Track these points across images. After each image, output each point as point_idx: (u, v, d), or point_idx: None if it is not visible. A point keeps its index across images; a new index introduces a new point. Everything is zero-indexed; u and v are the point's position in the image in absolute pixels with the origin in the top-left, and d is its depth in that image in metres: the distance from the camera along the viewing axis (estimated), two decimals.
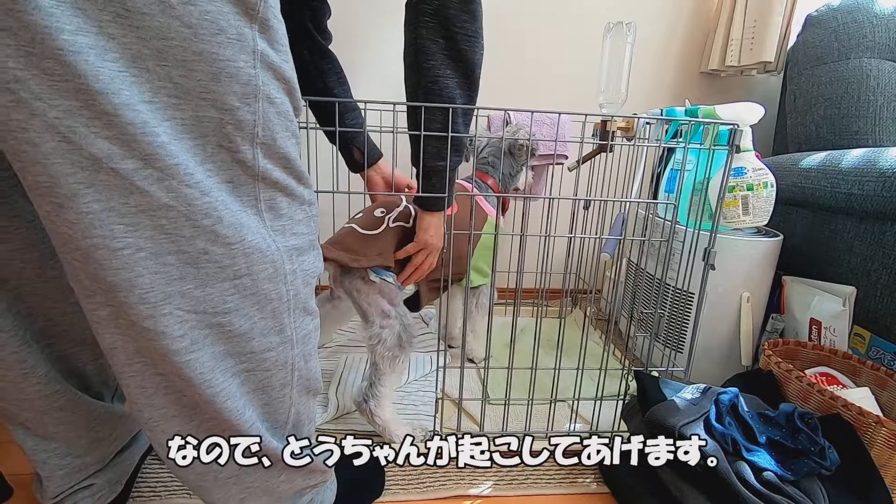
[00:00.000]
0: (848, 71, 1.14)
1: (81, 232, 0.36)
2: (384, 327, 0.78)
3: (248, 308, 0.45)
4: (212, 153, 0.40)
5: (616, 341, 1.25)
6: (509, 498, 0.73)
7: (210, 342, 0.43)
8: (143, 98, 0.36)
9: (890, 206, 0.86)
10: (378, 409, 0.78)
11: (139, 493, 0.69)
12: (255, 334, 0.46)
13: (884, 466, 0.69)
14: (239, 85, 0.40)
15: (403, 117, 0.77)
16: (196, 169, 0.39)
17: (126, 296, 0.39)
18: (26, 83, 0.32)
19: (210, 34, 0.37)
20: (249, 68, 0.40)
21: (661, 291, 0.91)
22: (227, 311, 0.43)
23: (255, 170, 0.43)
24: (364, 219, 0.84)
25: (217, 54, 0.38)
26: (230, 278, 0.43)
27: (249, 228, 0.43)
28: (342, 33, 1.33)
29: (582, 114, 0.85)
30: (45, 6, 0.31)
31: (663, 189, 1.07)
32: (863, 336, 0.93)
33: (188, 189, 0.38)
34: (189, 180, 0.38)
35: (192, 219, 0.39)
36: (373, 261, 0.78)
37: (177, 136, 0.38)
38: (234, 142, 0.41)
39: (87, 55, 0.33)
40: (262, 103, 0.41)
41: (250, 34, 0.39)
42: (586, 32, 1.38)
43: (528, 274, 0.85)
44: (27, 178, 0.35)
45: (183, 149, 0.38)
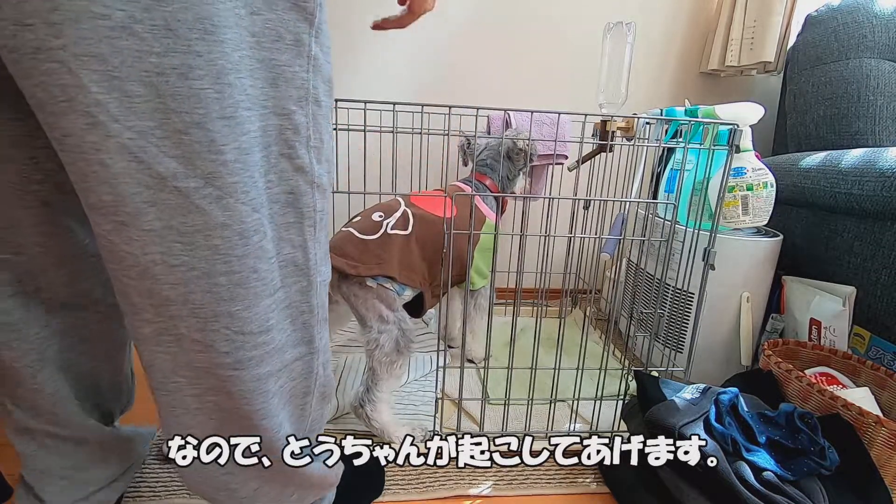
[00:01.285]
0: (848, 71, 1.14)
1: (141, 248, 0.37)
2: (382, 332, 0.77)
3: (284, 322, 0.45)
4: (275, 163, 0.41)
5: (616, 341, 1.25)
6: (509, 498, 0.73)
7: (255, 363, 0.43)
8: (222, 114, 0.36)
9: (890, 206, 0.86)
10: (374, 412, 0.78)
11: (139, 493, 0.69)
12: (288, 347, 0.46)
13: (884, 466, 0.69)
14: (294, 89, 0.40)
15: (403, 117, 0.77)
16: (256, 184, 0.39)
17: (179, 309, 0.39)
18: (106, 106, 0.32)
19: (270, 41, 0.38)
20: (304, 72, 0.40)
21: (661, 291, 0.91)
22: (269, 329, 0.43)
23: (312, 176, 0.43)
24: (362, 222, 0.83)
25: (275, 60, 0.38)
26: (270, 294, 0.43)
27: (290, 241, 0.44)
28: (342, 33, 1.34)
29: (582, 114, 0.85)
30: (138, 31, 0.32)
31: (663, 189, 1.07)
32: (863, 336, 0.93)
33: (242, 206, 0.38)
34: (244, 198, 0.38)
35: (245, 236, 0.39)
36: (371, 270, 0.77)
37: (250, 150, 0.38)
38: (294, 147, 0.41)
39: (169, 76, 0.33)
40: (311, 106, 0.42)
41: (307, 39, 0.40)
42: (586, 32, 1.39)
43: (528, 274, 0.85)
44: (90, 197, 0.35)
45: (252, 162, 0.39)
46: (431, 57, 1.36)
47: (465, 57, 1.38)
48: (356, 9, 1.30)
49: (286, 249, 0.44)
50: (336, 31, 1.35)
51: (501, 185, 1.07)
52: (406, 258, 0.81)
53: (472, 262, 0.90)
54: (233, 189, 0.38)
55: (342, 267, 0.76)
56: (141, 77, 0.33)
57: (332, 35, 1.22)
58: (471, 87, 1.40)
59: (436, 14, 1.44)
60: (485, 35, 1.38)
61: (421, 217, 0.85)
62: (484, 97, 1.41)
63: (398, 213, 0.84)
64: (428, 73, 1.37)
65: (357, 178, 1.11)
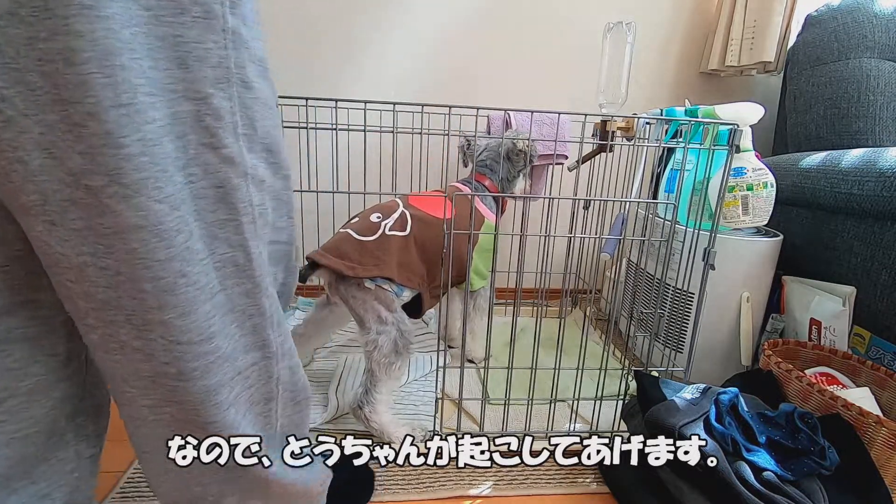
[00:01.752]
0: (848, 71, 1.14)
1: (72, 248, 0.34)
2: (381, 333, 0.77)
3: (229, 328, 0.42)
4: (195, 154, 0.37)
5: (616, 341, 1.25)
6: (509, 498, 0.73)
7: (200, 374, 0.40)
8: (116, 101, 0.32)
9: (890, 206, 0.86)
10: (374, 413, 0.78)
11: (139, 492, 0.69)
12: (238, 354, 0.43)
13: (884, 466, 0.69)
14: (210, 69, 0.36)
15: (403, 117, 0.77)
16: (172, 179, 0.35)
17: (115, 314, 0.36)
18: (12, 101, 0.31)
19: (171, 15, 0.33)
20: (220, 49, 0.36)
21: (661, 291, 0.91)
22: (212, 337, 0.40)
23: (244, 167, 0.39)
24: (360, 223, 0.83)
25: (181, 36, 0.34)
26: (208, 299, 0.39)
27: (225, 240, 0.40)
28: (342, 33, 1.34)
29: (582, 114, 0.86)
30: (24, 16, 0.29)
31: (663, 189, 1.07)
32: (863, 336, 0.93)
33: (157, 205, 0.35)
34: (158, 195, 0.34)
35: (164, 238, 0.35)
36: (370, 271, 0.77)
37: (157, 142, 0.34)
38: (217, 135, 0.37)
39: (57, 62, 0.30)
40: (236, 88, 0.38)
41: (220, 10, 0.36)
42: (586, 32, 1.39)
43: (528, 274, 0.85)
44: (20, 199, 0.33)
45: (162, 154, 0.35)
46: (432, 57, 1.36)
47: (465, 57, 1.38)
48: (356, 7, 1.30)
49: (221, 249, 0.40)
50: (336, 30, 1.36)
51: (501, 186, 1.07)
52: (405, 259, 0.81)
53: (472, 263, 0.90)
54: (141, 186, 0.34)
55: (340, 268, 0.76)
56: (37, 66, 0.30)
57: (332, 34, 1.22)
58: (471, 87, 1.40)
59: (436, 14, 1.45)
60: (485, 35, 1.38)
61: (419, 218, 0.85)
62: (484, 97, 1.41)
63: (396, 214, 0.84)
64: (428, 73, 1.37)
65: (357, 178, 1.11)
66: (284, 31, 1.30)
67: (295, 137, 1.29)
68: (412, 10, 1.32)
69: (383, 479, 0.74)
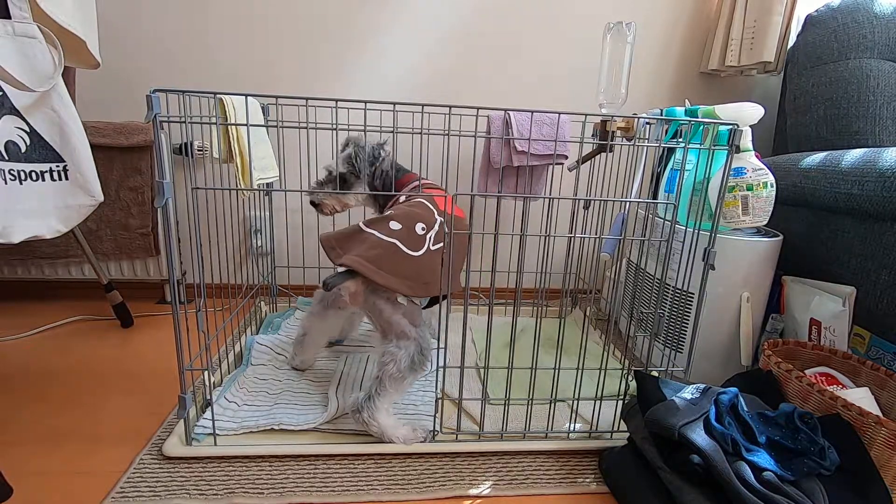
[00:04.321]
0: (848, 71, 1.14)
1: None
2: (401, 348, 0.77)
3: None
4: None
5: (616, 341, 1.25)
6: (509, 498, 0.73)
7: None
8: None
9: (890, 206, 0.86)
10: (373, 416, 0.78)
11: (139, 493, 0.69)
12: None
13: (884, 466, 0.69)
14: None
15: (403, 117, 0.77)
16: None
17: None
18: None
19: None
20: None
21: (661, 291, 0.91)
22: None
23: None
24: (406, 234, 0.78)
25: None
26: None
27: None
28: (342, 33, 1.34)
29: (582, 114, 0.86)
30: None
31: (663, 189, 1.07)
32: (863, 336, 0.93)
33: None
34: None
35: None
36: (417, 291, 0.76)
37: None
38: None
39: None
40: None
41: None
42: (586, 32, 1.39)
43: (528, 274, 0.85)
44: None
45: None
46: (432, 57, 1.36)
47: (465, 57, 1.38)
48: (355, 7, 1.30)
49: None
50: (336, 31, 1.35)
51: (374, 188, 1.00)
52: (444, 272, 0.81)
53: None
54: None
55: (403, 290, 0.75)
56: None
57: (332, 34, 1.22)
58: (471, 87, 1.40)
59: (436, 14, 1.45)
60: (485, 35, 1.38)
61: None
62: (484, 97, 1.41)
63: (436, 227, 0.82)
64: (428, 73, 1.37)
65: None
66: (284, 31, 1.30)
67: (295, 137, 1.29)
68: (412, 9, 1.32)
69: (383, 478, 0.74)
